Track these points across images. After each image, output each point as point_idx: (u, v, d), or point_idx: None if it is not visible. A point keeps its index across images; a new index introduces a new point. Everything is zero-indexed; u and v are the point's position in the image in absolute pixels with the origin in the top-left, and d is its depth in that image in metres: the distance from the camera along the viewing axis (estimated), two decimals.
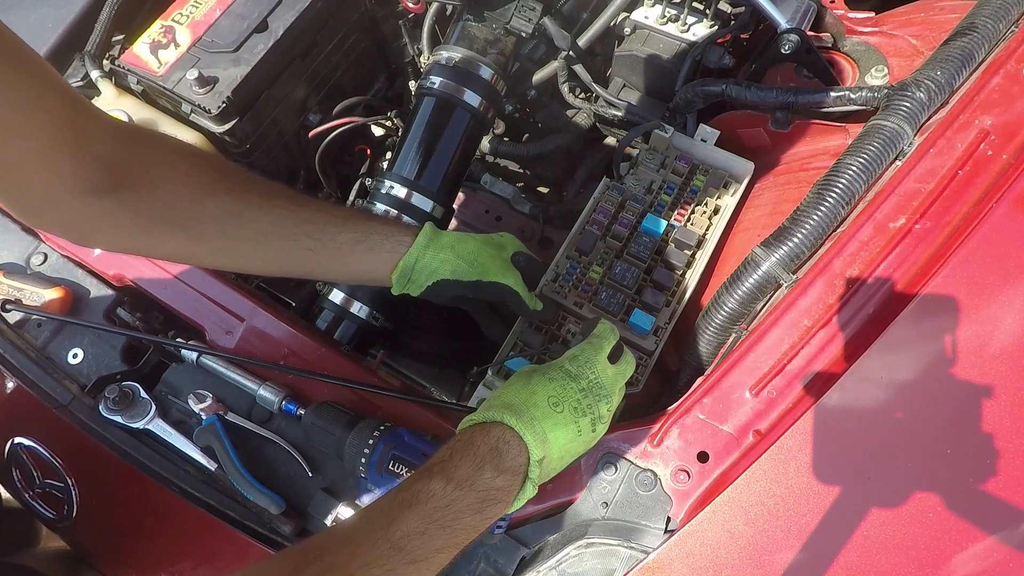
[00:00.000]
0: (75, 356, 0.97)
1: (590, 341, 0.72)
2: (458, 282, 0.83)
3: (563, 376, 0.69)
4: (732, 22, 1.11)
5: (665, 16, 1.11)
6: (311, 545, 0.55)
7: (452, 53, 1.09)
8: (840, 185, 0.79)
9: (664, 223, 0.95)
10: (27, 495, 0.98)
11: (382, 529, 0.56)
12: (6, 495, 1.03)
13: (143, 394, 0.90)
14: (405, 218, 1.05)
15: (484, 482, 0.60)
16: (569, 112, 1.28)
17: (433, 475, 0.60)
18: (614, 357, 0.72)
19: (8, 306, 0.98)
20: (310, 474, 0.85)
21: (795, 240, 0.78)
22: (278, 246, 0.77)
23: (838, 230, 0.80)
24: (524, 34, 1.11)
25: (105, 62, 1.12)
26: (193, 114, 1.05)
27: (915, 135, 0.82)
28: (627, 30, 1.15)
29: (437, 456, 0.62)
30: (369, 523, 0.57)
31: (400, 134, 1.16)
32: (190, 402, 0.88)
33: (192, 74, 1.02)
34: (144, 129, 0.73)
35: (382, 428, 0.79)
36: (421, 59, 1.28)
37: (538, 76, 1.21)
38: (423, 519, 0.57)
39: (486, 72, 1.10)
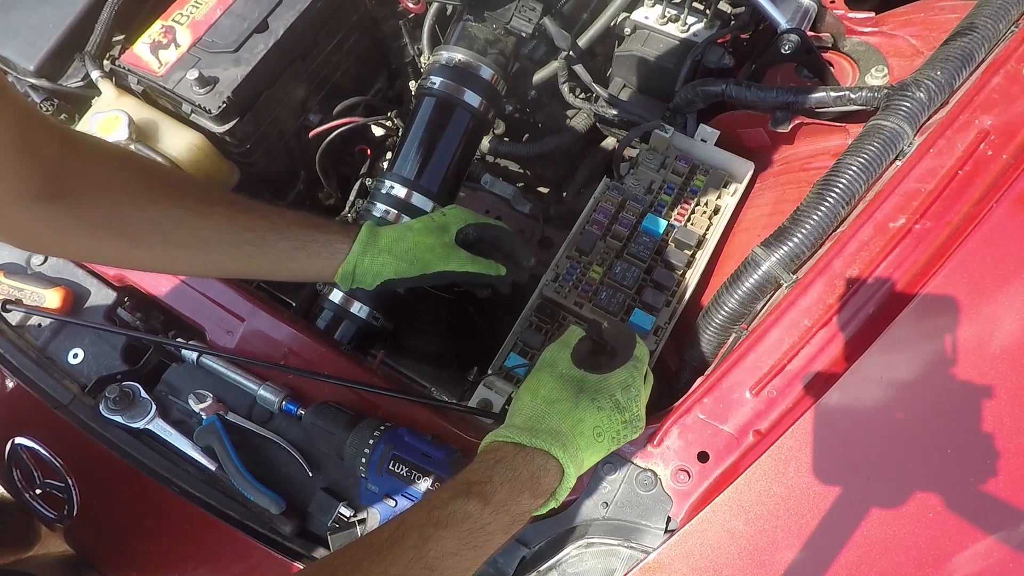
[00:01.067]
0: (75, 356, 0.97)
1: (636, 367, 0.70)
2: (405, 279, 0.85)
3: (612, 407, 0.67)
4: (732, 22, 1.12)
5: (665, 16, 1.11)
6: (343, 559, 0.55)
7: (452, 53, 1.09)
8: (840, 185, 0.79)
9: (664, 223, 0.95)
10: (27, 495, 0.98)
11: (416, 548, 0.55)
12: (5, 493, 1.03)
13: (143, 394, 0.90)
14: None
15: (519, 506, 0.61)
16: (569, 112, 1.28)
17: (472, 496, 0.59)
18: (645, 378, 0.72)
19: (8, 306, 0.98)
20: (310, 474, 0.85)
21: (795, 240, 0.78)
22: (220, 252, 0.78)
23: (838, 230, 0.80)
24: (524, 34, 1.11)
25: (105, 62, 1.12)
26: (193, 114, 1.05)
27: (915, 135, 0.82)
28: (627, 30, 1.15)
29: (476, 474, 0.62)
30: (402, 538, 0.56)
31: (400, 134, 1.16)
32: (190, 402, 0.88)
33: (192, 74, 1.02)
34: (89, 137, 0.75)
35: (382, 428, 0.79)
36: (421, 59, 1.28)
37: (538, 76, 1.21)
38: (458, 540, 0.57)
39: (486, 72, 1.10)
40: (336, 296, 1.05)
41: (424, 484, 0.76)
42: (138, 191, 0.73)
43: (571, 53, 1.15)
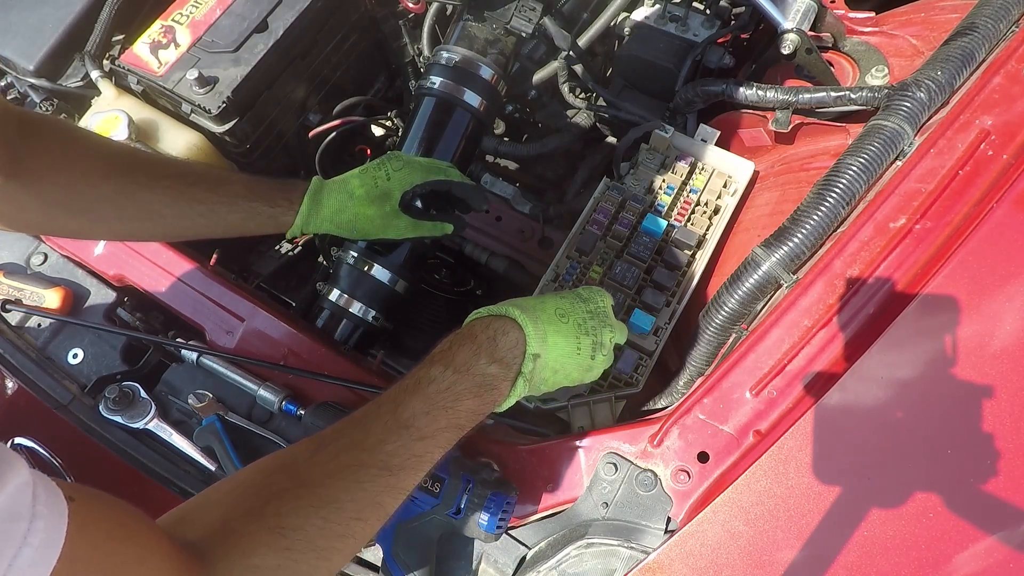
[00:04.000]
0: (75, 356, 0.97)
1: (601, 289, 0.76)
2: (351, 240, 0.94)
3: (574, 296, 0.72)
4: (732, 22, 1.11)
5: (665, 16, 1.11)
6: (328, 431, 0.60)
7: (452, 53, 1.09)
8: (840, 185, 0.79)
9: (664, 223, 0.95)
10: None
11: (390, 412, 0.60)
12: None
13: (143, 394, 0.90)
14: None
15: (480, 368, 0.64)
16: (569, 112, 1.28)
17: (434, 362, 0.64)
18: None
19: (8, 306, 0.98)
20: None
21: (795, 240, 0.78)
22: (172, 223, 0.83)
23: (838, 230, 0.80)
24: (524, 34, 1.11)
25: (105, 62, 1.12)
26: (193, 114, 1.05)
27: (915, 135, 0.82)
28: (627, 30, 1.15)
29: (438, 347, 0.66)
30: (377, 408, 0.61)
31: (400, 134, 1.16)
32: (190, 402, 0.88)
33: (192, 74, 1.02)
34: (43, 116, 0.79)
35: None
36: (421, 59, 1.27)
37: (538, 76, 1.21)
38: (426, 401, 0.61)
39: (486, 72, 1.09)
40: (336, 296, 1.05)
41: (425, 483, 0.76)
42: (92, 168, 0.77)
43: (571, 53, 1.15)
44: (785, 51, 0.96)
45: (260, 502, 0.54)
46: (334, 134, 1.19)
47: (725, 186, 0.99)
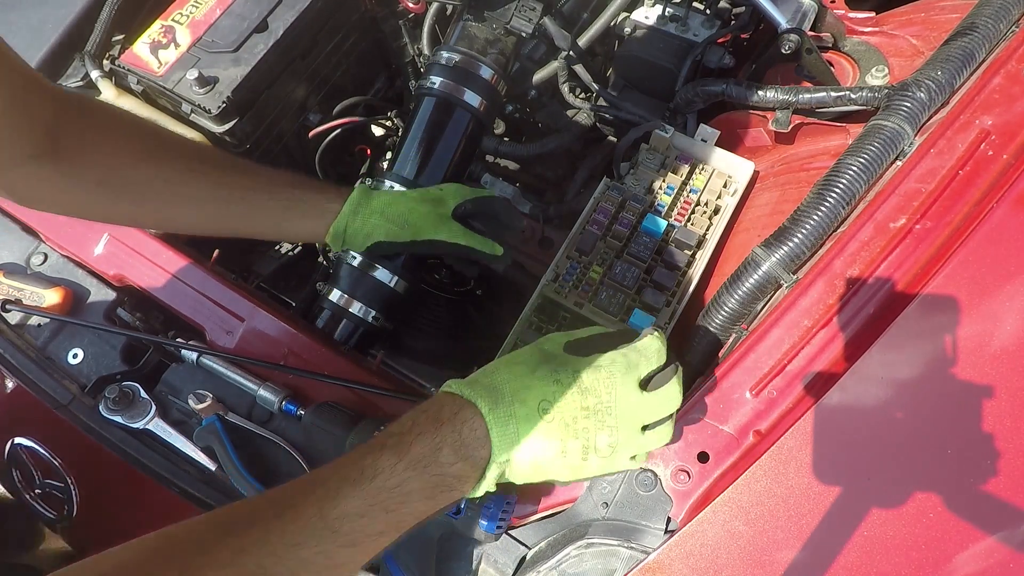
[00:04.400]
0: (75, 356, 0.97)
1: (626, 353, 0.60)
2: (394, 243, 0.85)
3: (572, 383, 0.58)
4: (732, 22, 1.11)
5: (665, 16, 1.11)
6: (239, 513, 0.50)
7: (452, 53, 1.09)
8: (840, 185, 0.79)
9: (664, 223, 0.95)
10: (27, 495, 0.98)
11: (317, 505, 0.50)
12: (6, 493, 1.03)
13: (143, 394, 0.90)
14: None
15: (439, 466, 0.54)
16: (569, 112, 1.28)
17: (385, 449, 0.53)
18: (653, 384, 0.60)
19: (8, 306, 0.98)
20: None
21: (795, 240, 0.78)
22: (211, 211, 0.81)
23: (838, 230, 0.80)
24: (524, 34, 1.11)
25: (105, 62, 1.12)
26: (193, 114, 1.05)
27: (916, 135, 0.82)
28: (627, 30, 1.15)
29: (397, 425, 0.56)
30: (306, 496, 0.51)
31: (400, 134, 1.16)
32: (190, 402, 0.88)
33: (192, 74, 1.02)
34: (86, 98, 0.76)
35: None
36: (421, 59, 1.27)
37: (538, 76, 1.21)
38: (365, 500, 0.51)
39: (486, 72, 1.09)
40: (336, 296, 1.05)
41: None
42: (133, 151, 0.75)
43: (571, 53, 1.15)
44: (785, 51, 0.96)
45: None
46: (334, 134, 1.19)
47: (725, 186, 0.99)
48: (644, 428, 0.61)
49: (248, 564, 0.46)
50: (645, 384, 0.60)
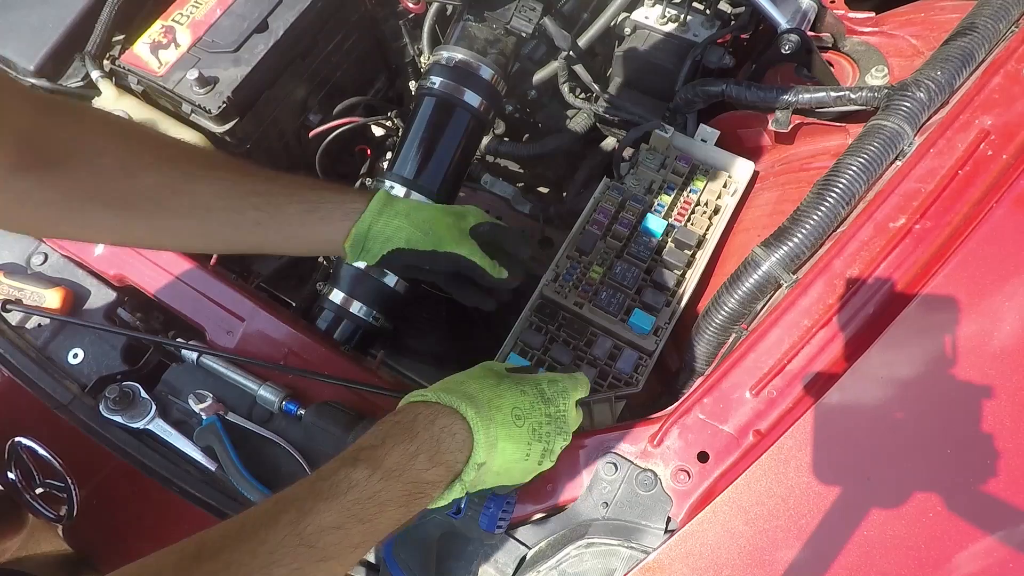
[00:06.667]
0: (75, 356, 0.97)
1: (572, 377, 0.71)
2: (414, 251, 0.79)
3: (536, 394, 0.65)
4: (732, 22, 1.11)
5: (665, 16, 1.11)
6: (209, 538, 0.49)
7: (452, 53, 1.09)
8: (840, 185, 0.79)
9: (664, 223, 0.95)
10: (27, 495, 0.98)
11: (291, 524, 0.50)
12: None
13: (143, 394, 0.90)
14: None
15: (415, 473, 0.55)
16: (569, 112, 1.28)
17: (359, 462, 0.54)
18: (590, 402, 0.72)
19: (8, 306, 0.98)
20: (310, 474, 0.85)
21: (795, 240, 0.78)
22: (223, 220, 0.72)
23: (838, 230, 0.80)
24: (524, 34, 1.11)
25: (105, 62, 1.12)
26: (193, 114, 1.05)
27: (915, 135, 0.82)
28: (627, 30, 1.15)
29: (369, 438, 0.57)
30: (279, 514, 0.51)
31: (400, 134, 1.16)
32: (190, 402, 0.88)
33: (192, 74, 1.02)
34: (70, 102, 0.68)
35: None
36: (421, 59, 1.27)
37: (538, 76, 1.21)
38: (340, 513, 0.52)
39: (486, 72, 1.10)
40: (336, 296, 1.05)
41: None
42: (129, 157, 0.66)
43: (571, 53, 1.15)
44: (785, 51, 0.96)
45: None
46: (334, 134, 1.19)
47: (725, 186, 0.99)
48: None
49: None
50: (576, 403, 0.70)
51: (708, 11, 1.13)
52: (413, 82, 1.37)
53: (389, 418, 0.59)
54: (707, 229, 0.97)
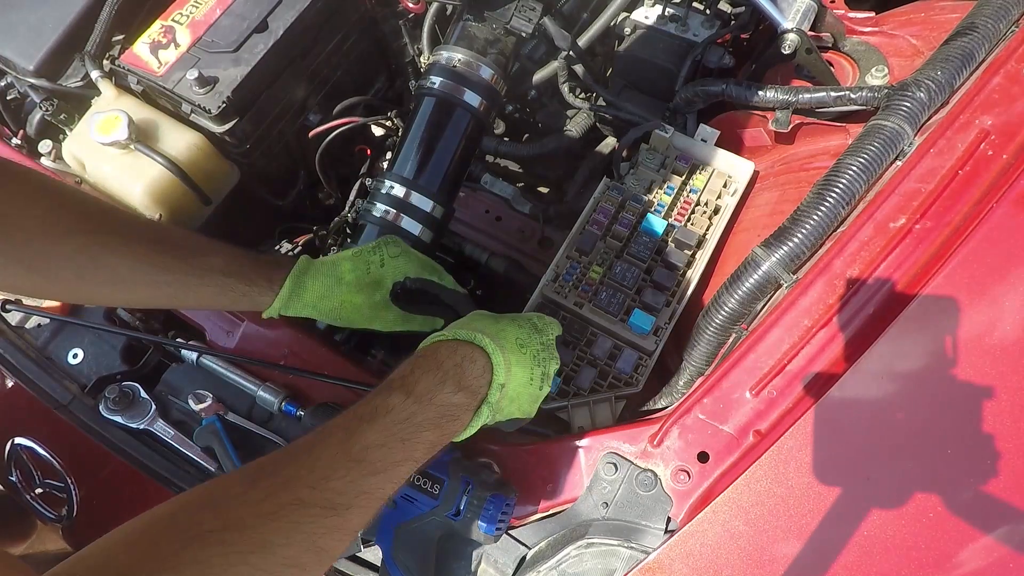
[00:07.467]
0: (75, 356, 0.97)
1: (552, 320, 0.77)
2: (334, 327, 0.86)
3: (530, 327, 0.73)
4: (732, 22, 1.11)
5: (665, 16, 1.11)
6: (267, 460, 0.54)
7: (452, 53, 1.09)
8: (840, 185, 0.79)
9: (664, 223, 0.95)
10: (27, 495, 0.98)
11: (341, 443, 0.56)
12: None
13: (143, 394, 0.90)
14: (392, 220, 1.04)
15: (444, 397, 0.61)
16: (569, 112, 1.28)
17: (393, 390, 0.60)
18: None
19: (8, 306, 0.98)
20: None
21: (795, 240, 0.78)
22: (140, 292, 0.76)
23: (838, 230, 0.80)
24: (524, 34, 1.11)
25: (105, 62, 1.12)
26: (193, 114, 1.05)
27: (915, 135, 0.82)
28: (627, 30, 1.15)
29: (398, 372, 0.63)
30: (326, 437, 0.56)
31: (400, 134, 1.16)
32: (190, 402, 0.88)
33: (192, 74, 1.02)
34: (10, 164, 0.70)
35: None
36: (421, 59, 1.27)
37: (538, 76, 1.21)
38: (382, 432, 0.57)
39: (486, 72, 1.09)
40: None
41: (424, 484, 0.76)
42: (54, 224, 0.69)
43: (571, 53, 1.15)
44: (785, 51, 0.96)
45: (178, 546, 0.46)
46: (334, 134, 1.19)
47: (725, 186, 0.99)
48: None
49: (284, 498, 0.51)
50: None
51: (708, 11, 1.13)
52: (413, 82, 1.37)
53: (414, 355, 0.65)
54: (707, 229, 0.97)
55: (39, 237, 0.69)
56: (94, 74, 1.10)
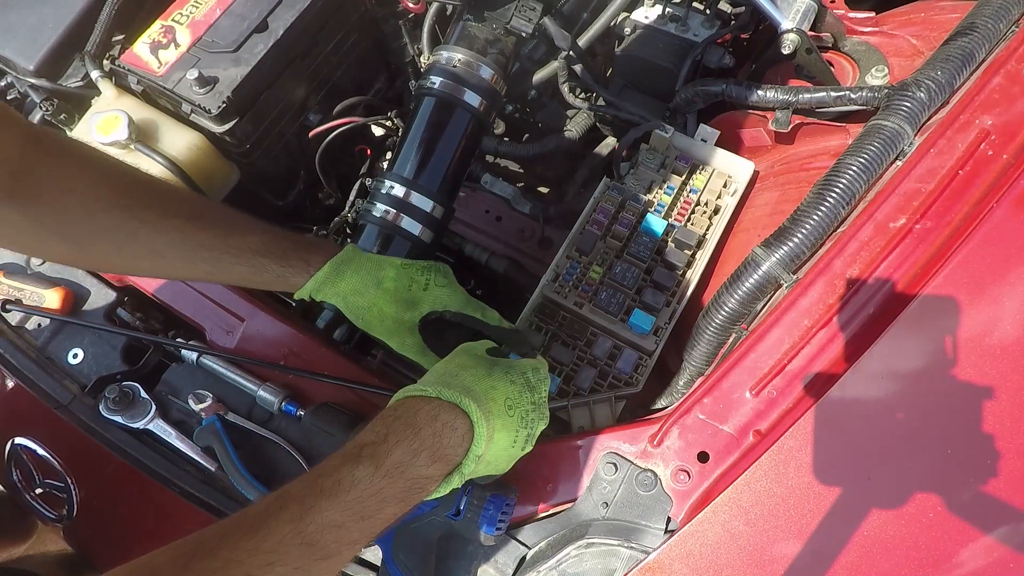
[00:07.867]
0: (75, 356, 0.97)
1: (542, 362, 0.73)
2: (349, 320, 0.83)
3: (523, 383, 0.68)
4: (732, 22, 1.11)
5: (665, 16, 1.11)
6: (207, 535, 0.48)
7: (452, 53, 1.09)
8: (840, 185, 0.79)
9: (664, 223, 0.95)
10: (27, 495, 0.98)
11: (293, 521, 0.49)
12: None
13: (143, 394, 0.90)
14: (391, 224, 1.04)
15: (416, 470, 0.56)
16: (569, 112, 1.28)
17: (361, 459, 0.54)
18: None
19: (8, 306, 0.98)
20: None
21: (795, 240, 0.78)
22: (176, 266, 0.77)
23: (838, 230, 0.80)
24: (524, 34, 1.11)
25: (105, 62, 1.12)
26: (193, 114, 1.05)
27: (915, 135, 0.82)
28: (627, 30, 1.15)
29: (370, 434, 0.57)
30: (279, 511, 0.50)
31: (400, 134, 1.16)
32: (190, 402, 0.88)
33: (192, 74, 1.02)
34: (59, 137, 0.71)
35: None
36: (421, 59, 1.27)
37: (538, 76, 1.21)
38: (342, 511, 0.51)
39: (486, 72, 1.09)
40: None
41: None
42: (94, 198, 0.70)
43: (571, 53, 1.15)
44: (785, 51, 0.96)
45: None
46: (334, 134, 1.19)
47: (725, 186, 0.99)
48: None
49: None
50: None
51: (708, 11, 1.13)
52: (413, 82, 1.37)
53: (389, 413, 0.59)
54: (707, 229, 0.97)
55: (79, 211, 0.70)
56: (94, 74, 1.10)
